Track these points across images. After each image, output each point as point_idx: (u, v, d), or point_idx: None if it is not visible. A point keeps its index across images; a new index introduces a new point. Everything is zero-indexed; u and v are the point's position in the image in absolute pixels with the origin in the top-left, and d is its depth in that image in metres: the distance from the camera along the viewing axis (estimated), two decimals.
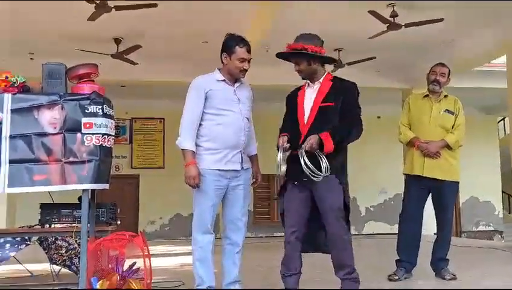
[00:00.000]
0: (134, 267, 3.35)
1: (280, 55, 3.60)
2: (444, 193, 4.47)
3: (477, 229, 14.65)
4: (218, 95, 3.49)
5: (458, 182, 4.54)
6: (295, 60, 3.51)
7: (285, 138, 3.38)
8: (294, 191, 3.48)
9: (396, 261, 4.57)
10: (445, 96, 4.62)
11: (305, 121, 3.43)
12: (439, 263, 4.52)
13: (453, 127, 4.50)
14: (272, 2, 6.88)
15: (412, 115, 4.63)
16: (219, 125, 3.48)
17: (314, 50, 3.44)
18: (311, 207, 3.45)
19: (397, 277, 4.42)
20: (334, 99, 3.42)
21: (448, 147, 4.43)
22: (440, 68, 4.63)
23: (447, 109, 4.52)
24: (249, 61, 3.55)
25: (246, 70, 3.55)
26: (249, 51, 3.52)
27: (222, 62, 3.56)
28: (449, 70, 4.67)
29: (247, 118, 3.62)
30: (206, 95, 3.47)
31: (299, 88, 3.66)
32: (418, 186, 4.52)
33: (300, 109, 3.50)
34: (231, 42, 3.51)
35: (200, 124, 3.49)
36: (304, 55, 3.44)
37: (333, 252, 3.47)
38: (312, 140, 3.25)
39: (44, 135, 3.16)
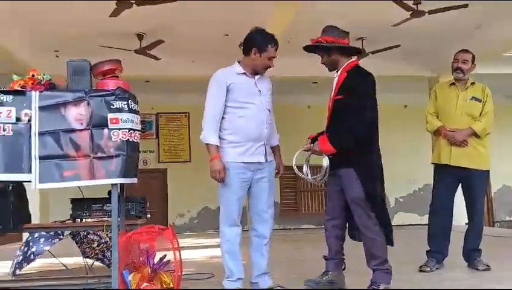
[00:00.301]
0: (164, 260, 3.39)
1: (305, 49, 3.71)
2: (473, 182, 4.38)
3: (511, 219, 14.34)
4: (239, 88, 3.49)
5: (488, 171, 4.45)
6: (318, 52, 3.65)
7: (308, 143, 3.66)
8: (330, 181, 3.64)
9: (427, 252, 4.50)
10: (472, 83, 4.53)
11: (327, 114, 3.64)
12: (471, 253, 4.44)
13: (480, 114, 4.41)
14: None
15: (439, 103, 4.56)
16: (241, 118, 3.48)
17: (330, 40, 3.52)
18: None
19: (428, 268, 4.35)
20: (344, 92, 3.50)
21: (475, 135, 4.35)
22: (462, 55, 4.55)
23: (473, 97, 4.44)
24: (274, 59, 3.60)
25: (269, 68, 3.59)
26: (277, 49, 3.56)
27: (247, 55, 3.53)
28: (473, 56, 4.58)
29: (269, 110, 3.62)
30: (228, 89, 3.47)
31: None
32: (446, 176, 4.45)
33: (329, 101, 3.67)
34: (264, 39, 3.50)
35: (223, 118, 3.49)
36: (323, 47, 3.56)
37: (363, 242, 3.52)
38: (312, 147, 3.58)
39: (72, 131, 3.20)
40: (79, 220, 3.96)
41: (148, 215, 4.24)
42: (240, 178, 3.47)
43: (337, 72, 3.62)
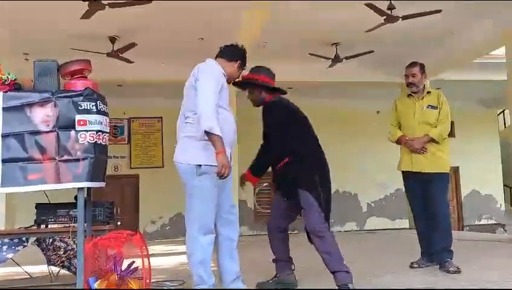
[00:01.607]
0: (132, 267, 3.29)
1: (237, 85, 3.93)
2: (434, 185, 4.59)
3: (480, 223, 14.59)
4: (225, 90, 3.46)
5: (447, 173, 4.68)
6: (249, 89, 3.94)
7: None
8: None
9: (421, 252, 4.81)
10: (428, 92, 4.78)
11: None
12: (442, 254, 4.50)
13: (437, 120, 4.65)
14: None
15: (399, 114, 4.84)
16: (224, 121, 3.34)
17: (266, 81, 3.88)
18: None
19: (417, 265, 4.68)
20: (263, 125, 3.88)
21: (434, 140, 4.58)
22: (409, 70, 4.82)
23: (429, 105, 4.70)
24: None
25: None
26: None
27: (230, 61, 3.58)
28: (420, 66, 4.82)
29: None
30: (221, 87, 3.39)
31: None
32: (411, 182, 4.74)
33: None
34: (245, 60, 3.68)
35: None
36: (257, 85, 3.86)
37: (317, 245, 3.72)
38: None
39: (38, 133, 3.11)
40: (44, 225, 3.83)
41: (119, 223, 4.14)
42: (217, 183, 3.33)
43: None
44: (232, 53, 3.58)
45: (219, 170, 3.14)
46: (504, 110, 15.64)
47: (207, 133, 3.16)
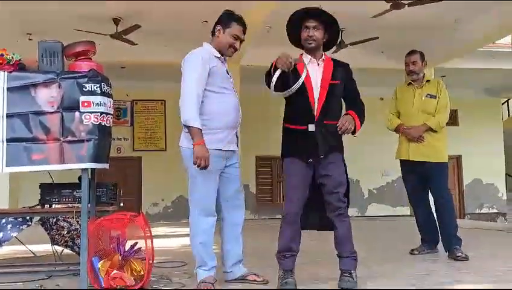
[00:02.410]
0: (135, 248, 3.33)
1: (304, 12, 3.38)
2: (433, 174, 4.63)
3: (481, 212, 14.64)
4: (218, 72, 3.39)
5: (445, 162, 4.71)
6: (316, 23, 3.34)
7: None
8: (297, 168, 3.34)
9: (421, 238, 4.88)
10: (428, 80, 4.81)
11: (316, 97, 3.31)
12: (451, 239, 4.55)
13: (436, 110, 4.68)
14: None
15: (399, 103, 4.87)
16: (220, 104, 3.37)
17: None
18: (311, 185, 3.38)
19: (417, 252, 4.74)
20: (340, 77, 3.39)
21: (432, 130, 4.61)
22: (409, 58, 4.86)
23: (428, 94, 4.72)
24: (241, 42, 3.49)
25: (236, 50, 3.49)
26: (244, 31, 3.47)
27: (213, 35, 3.48)
28: (421, 54, 4.84)
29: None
30: (210, 71, 3.34)
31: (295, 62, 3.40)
32: (409, 170, 4.78)
33: (308, 83, 3.32)
34: (229, 17, 3.46)
35: (201, 101, 3.32)
36: (329, 24, 3.37)
37: (339, 229, 3.39)
38: (349, 123, 3.24)
39: (42, 113, 3.12)
40: (48, 205, 3.86)
41: (122, 204, 4.17)
42: (217, 166, 3.37)
43: (314, 56, 3.40)
44: (213, 28, 3.50)
45: (194, 161, 3.19)
46: (508, 99, 15.59)
47: (185, 125, 3.24)
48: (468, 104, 13.80)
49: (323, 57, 3.44)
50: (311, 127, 3.27)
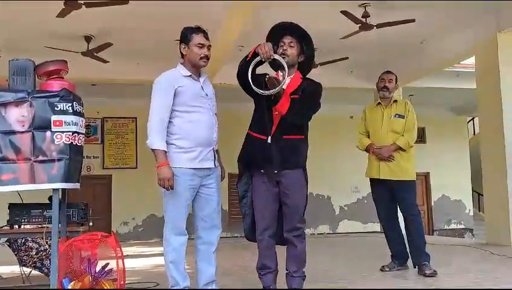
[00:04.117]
0: (107, 268, 3.29)
1: (280, 27, 3.51)
2: (402, 191, 4.75)
3: (449, 228, 14.91)
4: (187, 91, 3.40)
5: (414, 180, 4.84)
6: (292, 39, 3.46)
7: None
8: (261, 184, 3.44)
9: (391, 255, 4.96)
10: (395, 101, 4.95)
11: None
12: (420, 255, 4.63)
13: (404, 129, 4.80)
14: (246, 2, 6.84)
15: (368, 123, 5.00)
16: (191, 123, 3.38)
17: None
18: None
19: (388, 269, 4.82)
20: (301, 92, 3.42)
21: (400, 148, 4.73)
22: (387, 75, 5.00)
23: (397, 114, 4.85)
24: (208, 48, 3.48)
25: (207, 58, 3.48)
26: (206, 38, 3.47)
27: (182, 56, 3.50)
28: (396, 77, 5.03)
29: (215, 114, 3.57)
30: (176, 92, 3.36)
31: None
32: (379, 188, 4.89)
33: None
34: (187, 32, 3.47)
35: (170, 122, 3.36)
36: (308, 40, 3.48)
37: (296, 249, 3.43)
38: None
39: (12, 133, 3.08)
40: (17, 226, 3.78)
41: (91, 223, 4.11)
42: (189, 185, 3.37)
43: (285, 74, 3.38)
44: (180, 48, 3.51)
45: (158, 182, 3.28)
46: (473, 117, 16.02)
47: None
48: (435, 122, 14.14)
49: (292, 75, 3.49)
50: (270, 140, 3.35)
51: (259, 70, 3.46)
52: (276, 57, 3.32)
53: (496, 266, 5.16)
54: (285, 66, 3.28)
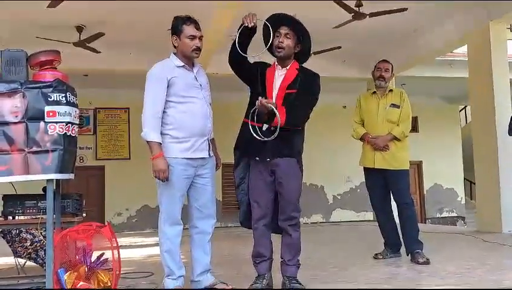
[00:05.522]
0: (102, 259, 3.30)
1: (275, 19, 3.50)
2: (395, 180, 4.79)
3: (441, 216, 15.03)
4: (180, 81, 3.41)
5: (407, 169, 4.88)
6: (289, 31, 3.46)
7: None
8: (257, 173, 3.44)
9: (384, 243, 5.01)
10: (390, 90, 4.95)
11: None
12: (412, 243, 4.68)
13: (399, 119, 4.82)
14: None
15: (363, 112, 4.98)
16: (184, 113, 3.40)
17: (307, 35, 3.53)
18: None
19: (381, 256, 4.88)
20: (298, 87, 3.42)
21: (396, 138, 4.76)
22: (384, 64, 4.99)
23: (392, 104, 4.85)
24: (200, 39, 3.46)
25: (199, 49, 3.46)
26: (197, 28, 3.45)
27: (174, 47, 3.49)
28: (392, 66, 5.04)
29: (210, 104, 3.57)
30: (169, 83, 3.37)
31: (269, 65, 3.55)
32: (373, 177, 4.91)
33: (269, 87, 3.43)
34: (177, 23, 3.45)
35: (164, 112, 3.38)
36: (302, 31, 3.49)
37: (291, 237, 3.45)
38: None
39: (5, 124, 3.06)
40: (11, 217, 3.78)
41: (84, 214, 4.11)
42: (183, 175, 3.39)
43: (282, 65, 3.49)
44: (171, 39, 3.49)
45: (153, 174, 3.31)
46: (465, 106, 16.09)
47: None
48: (428, 111, 14.19)
49: (288, 66, 3.49)
50: (265, 127, 3.33)
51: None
52: (269, 104, 3.25)
53: (488, 253, 5.22)
54: (277, 114, 3.22)
